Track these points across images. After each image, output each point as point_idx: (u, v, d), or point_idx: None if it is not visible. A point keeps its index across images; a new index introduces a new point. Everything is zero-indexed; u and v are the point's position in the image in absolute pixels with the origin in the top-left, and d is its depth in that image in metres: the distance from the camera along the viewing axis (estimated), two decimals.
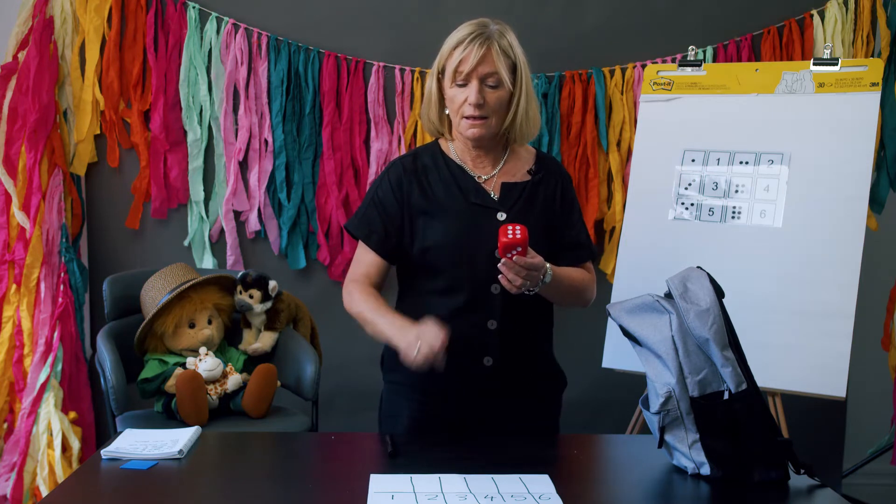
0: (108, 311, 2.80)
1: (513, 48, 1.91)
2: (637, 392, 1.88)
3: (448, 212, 1.92)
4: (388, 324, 1.84)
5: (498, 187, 1.97)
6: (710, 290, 1.62)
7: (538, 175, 2.00)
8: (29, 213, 3.01)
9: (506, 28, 1.93)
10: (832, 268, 2.53)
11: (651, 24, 3.23)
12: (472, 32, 1.89)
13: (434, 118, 2.00)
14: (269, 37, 3.19)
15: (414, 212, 1.94)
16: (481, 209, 1.93)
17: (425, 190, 1.95)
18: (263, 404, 2.61)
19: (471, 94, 1.88)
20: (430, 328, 1.74)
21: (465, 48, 1.87)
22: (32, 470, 2.93)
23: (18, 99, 3.03)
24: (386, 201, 1.96)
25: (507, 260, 1.76)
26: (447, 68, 1.91)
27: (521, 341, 1.95)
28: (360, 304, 1.91)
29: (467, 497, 1.49)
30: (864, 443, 3.46)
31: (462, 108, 1.90)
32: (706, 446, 1.59)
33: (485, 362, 1.92)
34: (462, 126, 1.93)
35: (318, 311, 3.06)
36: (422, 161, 1.99)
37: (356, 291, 1.94)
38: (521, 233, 1.73)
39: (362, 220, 1.98)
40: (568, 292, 1.95)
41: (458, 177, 1.97)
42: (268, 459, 1.79)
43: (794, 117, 2.68)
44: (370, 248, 1.96)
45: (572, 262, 2.01)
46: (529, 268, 1.77)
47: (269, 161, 3.21)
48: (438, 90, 1.97)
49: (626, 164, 3.21)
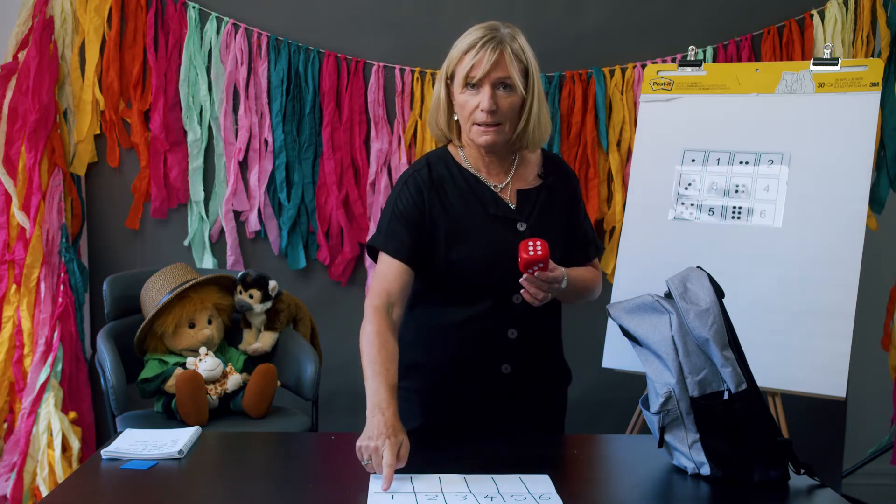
0: (108, 311, 2.80)
1: (525, 52, 1.86)
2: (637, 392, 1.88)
3: (468, 225, 1.87)
4: (371, 392, 1.70)
5: (513, 195, 1.93)
6: (710, 290, 1.62)
7: (549, 178, 1.98)
8: (29, 213, 3.01)
9: (516, 31, 1.88)
10: (832, 268, 2.53)
11: (651, 24, 3.23)
12: (483, 36, 1.82)
13: (443, 124, 1.93)
14: (269, 37, 3.19)
15: (436, 224, 1.88)
16: (501, 220, 1.89)
17: (444, 202, 1.89)
18: (263, 404, 2.61)
19: (483, 99, 1.81)
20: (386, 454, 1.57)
21: (476, 53, 1.80)
22: (32, 470, 2.93)
23: (18, 99, 3.03)
24: (409, 213, 1.88)
25: (528, 276, 1.75)
26: (458, 73, 1.84)
27: (538, 347, 1.94)
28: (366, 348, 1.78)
29: (467, 497, 1.49)
30: (864, 443, 3.46)
31: (474, 115, 1.84)
32: (706, 446, 1.59)
33: (503, 370, 1.91)
34: (474, 133, 1.87)
35: (318, 311, 3.06)
36: (437, 172, 1.92)
37: (372, 332, 1.79)
38: (542, 249, 1.71)
39: (389, 236, 1.87)
40: (580, 293, 1.95)
41: (475, 187, 1.91)
42: (268, 459, 1.79)
43: (794, 117, 2.68)
44: (401, 261, 1.85)
45: (581, 259, 2.00)
46: (551, 281, 1.77)
47: (269, 161, 3.21)
48: (447, 95, 1.90)
49: (626, 164, 3.21)
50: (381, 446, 1.58)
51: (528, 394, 1.95)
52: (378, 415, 1.64)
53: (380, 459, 1.57)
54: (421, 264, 1.88)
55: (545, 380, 1.99)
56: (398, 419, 1.65)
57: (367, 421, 1.65)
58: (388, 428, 1.61)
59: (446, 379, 1.93)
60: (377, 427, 1.61)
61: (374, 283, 1.87)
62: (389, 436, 1.60)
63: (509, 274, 1.80)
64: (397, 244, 1.86)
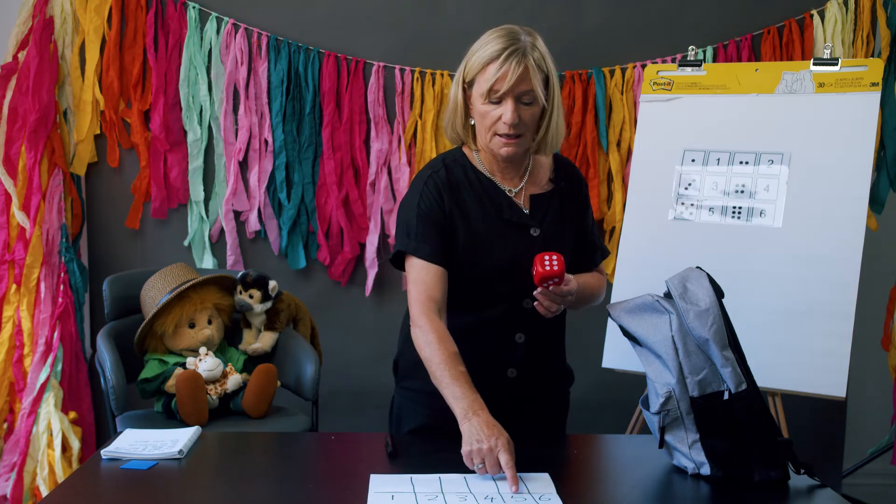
0: (108, 311, 2.80)
1: (545, 60, 1.82)
2: (637, 392, 1.88)
3: (482, 229, 1.87)
4: (456, 397, 1.68)
5: (527, 200, 1.92)
6: (710, 290, 1.62)
7: (561, 183, 1.97)
8: (29, 213, 3.01)
9: (535, 36, 1.83)
10: (832, 268, 2.53)
11: (651, 24, 3.23)
12: (506, 48, 1.76)
13: (459, 129, 1.91)
14: (269, 37, 3.19)
15: (455, 227, 1.87)
16: (515, 226, 1.89)
17: (461, 205, 1.88)
18: (263, 404, 2.61)
19: (506, 112, 1.78)
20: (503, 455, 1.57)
21: (500, 66, 1.76)
22: (32, 470, 2.93)
23: (18, 99, 3.03)
24: (433, 214, 1.85)
25: (543, 290, 1.75)
26: (479, 83, 1.80)
27: (544, 352, 1.95)
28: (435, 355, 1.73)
29: (467, 497, 1.49)
30: (864, 443, 3.46)
31: (495, 126, 1.81)
32: (706, 446, 1.59)
33: (509, 374, 1.91)
34: (494, 143, 1.84)
35: (318, 311, 3.06)
36: (454, 174, 1.90)
37: (435, 339, 1.75)
38: (558, 264, 1.71)
39: (420, 240, 1.83)
40: (586, 300, 1.95)
41: (490, 192, 1.90)
42: (268, 459, 1.79)
43: (794, 117, 2.68)
44: (437, 265, 1.82)
45: (588, 265, 2.00)
46: (565, 294, 1.77)
47: (269, 161, 3.21)
48: (464, 100, 1.87)
49: (626, 164, 3.21)
50: (494, 448, 1.57)
51: (531, 397, 1.95)
52: (474, 417, 1.63)
53: (494, 460, 1.57)
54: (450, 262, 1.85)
55: (548, 382, 1.99)
56: (494, 419, 1.64)
57: (463, 427, 1.63)
58: (493, 428, 1.61)
59: None
60: (480, 430, 1.60)
61: (414, 292, 1.82)
62: (499, 436, 1.59)
63: (521, 279, 1.80)
64: (431, 248, 1.83)
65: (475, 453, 1.58)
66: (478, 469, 1.59)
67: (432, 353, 1.74)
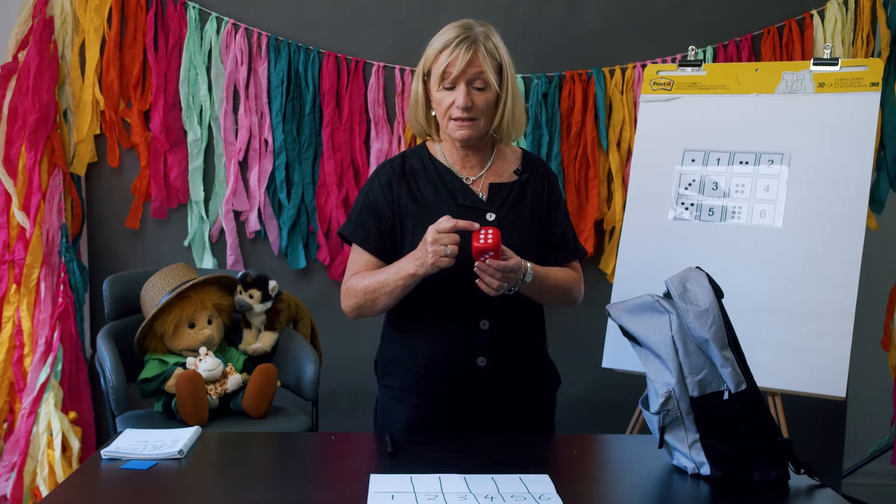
0: (108, 311, 2.80)
1: (498, 50, 1.92)
2: (637, 392, 1.88)
3: (436, 214, 1.90)
4: (396, 267, 1.86)
5: (486, 188, 1.98)
6: (710, 290, 1.62)
7: (525, 175, 2.01)
8: (29, 213, 3.01)
9: (490, 29, 1.94)
10: (832, 268, 2.53)
11: (651, 24, 3.23)
12: (457, 36, 1.89)
13: (421, 120, 2.01)
14: (269, 37, 3.19)
15: (404, 214, 1.95)
16: (469, 210, 1.93)
17: (414, 193, 1.96)
18: (263, 404, 2.61)
19: (459, 97, 1.89)
20: (431, 230, 1.77)
21: (451, 52, 1.88)
22: (32, 470, 2.93)
23: (18, 99, 3.03)
24: (377, 204, 1.97)
25: (480, 263, 1.78)
26: (433, 72, 1.92)
27: (514, 340, 1.96)
28: (361, 280, 1.91)
29: (467, 497, 1.49)
30: (864, 443, 3.47)
31: (450, 111, 1.91)
32: (706, 446, 1.59)
33: (478, 363, 1.92)
34: (450, 128, 1.94)
35: (318, 311, 3.06)
36: (410, 164, 2.00)
37: (352, 280, 1.94)
38: (492, 238, 1.75)
39: (357, 225, 1.98)
40: (552, 292, 1.96)
41: (446, 178, 1.98)
42: (268, 459, 1.79)
43: (794, 117, 2.68)
44: (367, 251, 1.97)
45: (559, 260, 2.02)
46: (505, 270, 1.79)
47: (269, 161, 3.21)
48: (424, 92, 1.97)
49: (626, 164, 3.21)
50: (427, 236, 1.77)
51: (510, 391, 1.96)
52: (413, 255, 1.83)
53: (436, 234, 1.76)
54: (390, 253, 1.95)
55: (525, 376, 1.99)
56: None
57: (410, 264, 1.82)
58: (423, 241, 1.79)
59: (425, 374, 1.95)
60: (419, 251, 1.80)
61: (349, 267, 2.00)
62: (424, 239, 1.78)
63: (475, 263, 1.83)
64: (364, 235, 1.96)
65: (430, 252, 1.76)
66: (449, 254, 1.76)
67: (362, 279, 1.91)
